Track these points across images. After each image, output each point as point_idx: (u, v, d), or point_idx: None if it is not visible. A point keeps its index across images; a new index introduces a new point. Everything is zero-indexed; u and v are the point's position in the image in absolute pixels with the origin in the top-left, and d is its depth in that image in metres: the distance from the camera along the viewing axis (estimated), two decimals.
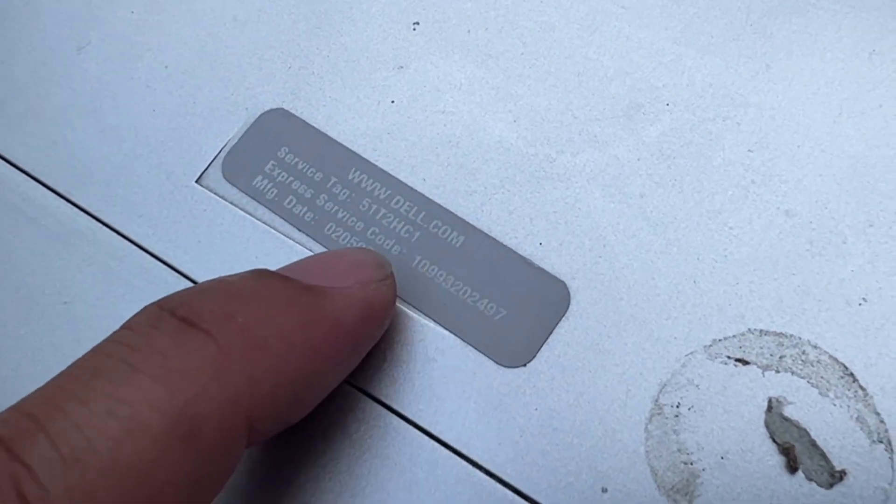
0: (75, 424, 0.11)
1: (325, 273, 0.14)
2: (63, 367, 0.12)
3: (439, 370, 0.16)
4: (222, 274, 0.17)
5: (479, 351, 0.16)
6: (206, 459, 0.12)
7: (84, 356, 0.12)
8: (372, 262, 0.15)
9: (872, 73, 0.17)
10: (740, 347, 0.15)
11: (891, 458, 0.14)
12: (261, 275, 0.14)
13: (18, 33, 0.21)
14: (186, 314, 0.12)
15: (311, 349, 0.13)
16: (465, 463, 0.15)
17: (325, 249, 0.17)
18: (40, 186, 0.19)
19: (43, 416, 0.11)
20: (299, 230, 0.17)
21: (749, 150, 0.17)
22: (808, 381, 0.15)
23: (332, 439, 0.16)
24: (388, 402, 0.16)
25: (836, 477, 0.14)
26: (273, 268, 0.17)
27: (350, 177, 0.18)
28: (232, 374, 0.12)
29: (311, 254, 0.17)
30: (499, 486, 0.15)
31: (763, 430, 0.15)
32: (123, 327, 0.13)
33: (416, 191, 0.17)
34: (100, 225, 0.18)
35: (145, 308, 0.13)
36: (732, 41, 0.18)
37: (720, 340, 0.15)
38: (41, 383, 0.12)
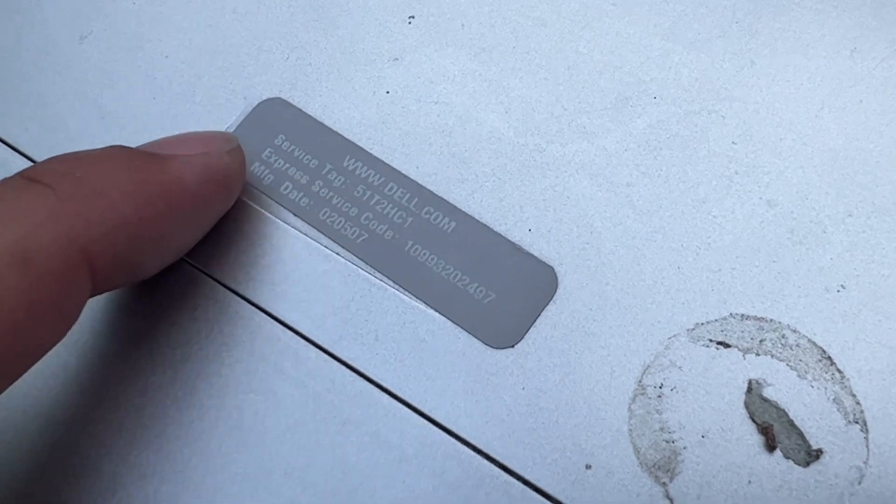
0: None
1: (173, 145, 0.16)
2: None
3: (430, 351, 0.16)
4: (219, 259, 0.18)
5: (469, 333, 0.16)
6: (42, 286, 0.13)
7: None
8: (219, 136, 0.17)
9: (853, 70, 0.18)
10: (722, 331, 0.16)
11: (866, 438, 0.15)
12: (111, 146, 0.15)
13: (22, 23, 0.21)
14: (32, 173, 0.14)
15: (146, 200, 0.14)
16: (453, 440, 0.16)
17: (320, 234, 0.18)
18: None
19: None
20: (295, 215, 0.18)
21: (733, 143, 0.17)
22: (787, 364, 0.15)
23: (323, 419, 0.16)
24: (379, 381, 0.16)
25: (812, 456, 0.15)
26: (269, 251, 0.18)
27: (345, 164, 0.18)
28: (67, 214, 0.13)
29: (307, 239, 0.17)
30: (486, 462, 0.15)
31: (743, 410, 0.15)
32: None
33: (409, 178, 0.18)
34: None
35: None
36: (718, 38, 0.18)
37: (703, 324, 0.16)
38: None
